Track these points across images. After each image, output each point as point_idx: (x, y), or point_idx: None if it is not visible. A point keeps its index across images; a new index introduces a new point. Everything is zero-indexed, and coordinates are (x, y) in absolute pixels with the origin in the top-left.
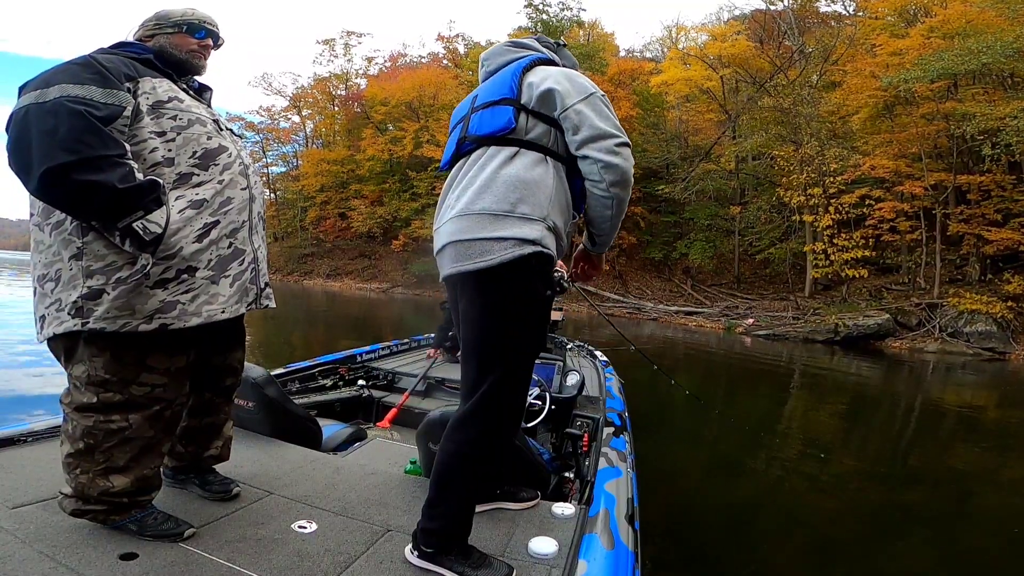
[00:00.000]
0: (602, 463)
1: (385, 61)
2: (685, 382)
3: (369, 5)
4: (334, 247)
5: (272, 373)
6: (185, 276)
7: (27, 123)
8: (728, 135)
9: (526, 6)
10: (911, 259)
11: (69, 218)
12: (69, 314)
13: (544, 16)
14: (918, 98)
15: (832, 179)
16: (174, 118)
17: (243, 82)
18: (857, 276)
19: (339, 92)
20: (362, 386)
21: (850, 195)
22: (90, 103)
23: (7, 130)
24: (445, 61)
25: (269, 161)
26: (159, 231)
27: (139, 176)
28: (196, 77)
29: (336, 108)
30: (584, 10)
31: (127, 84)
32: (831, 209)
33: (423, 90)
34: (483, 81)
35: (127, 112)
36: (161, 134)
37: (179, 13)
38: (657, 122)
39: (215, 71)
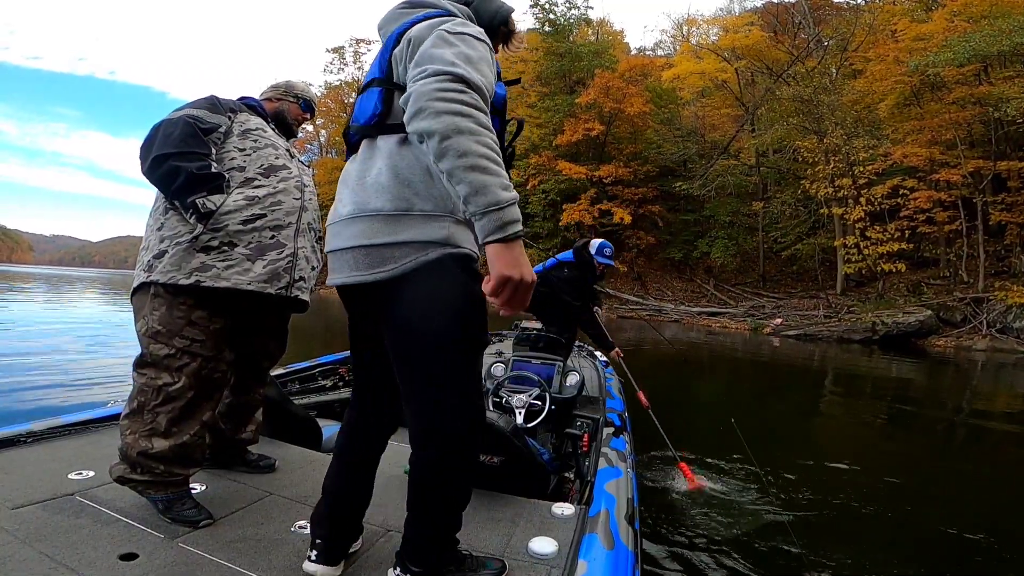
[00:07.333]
0: (602, 463)
1: None
2: (708, 385)
3: (376, 11)
4: None
5: (272, 374)
6: (225, 248)
7: (158, 128)
8: (747, 128)
9: (532, 6)
10: (951, 251)
11: (160, 204)
12: (144, 271)
13: (551, 16)
14: (948, 83)
15: (861, 168)
16: (255, 141)
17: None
18: (894, 270)
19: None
20: None
21: (882, 185)
22: (198, 119)
23: (149, 134)
24: None
25: None
26: (213, 208)
27: (213, 169)
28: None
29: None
30: (591, 8)
31: (229, 113)
32: (862, 200)
33: None
34: None
35: (222, 129)
36: (241, 149)
37: (300, 89)
38: (671, 118)
39: (235, 84)
